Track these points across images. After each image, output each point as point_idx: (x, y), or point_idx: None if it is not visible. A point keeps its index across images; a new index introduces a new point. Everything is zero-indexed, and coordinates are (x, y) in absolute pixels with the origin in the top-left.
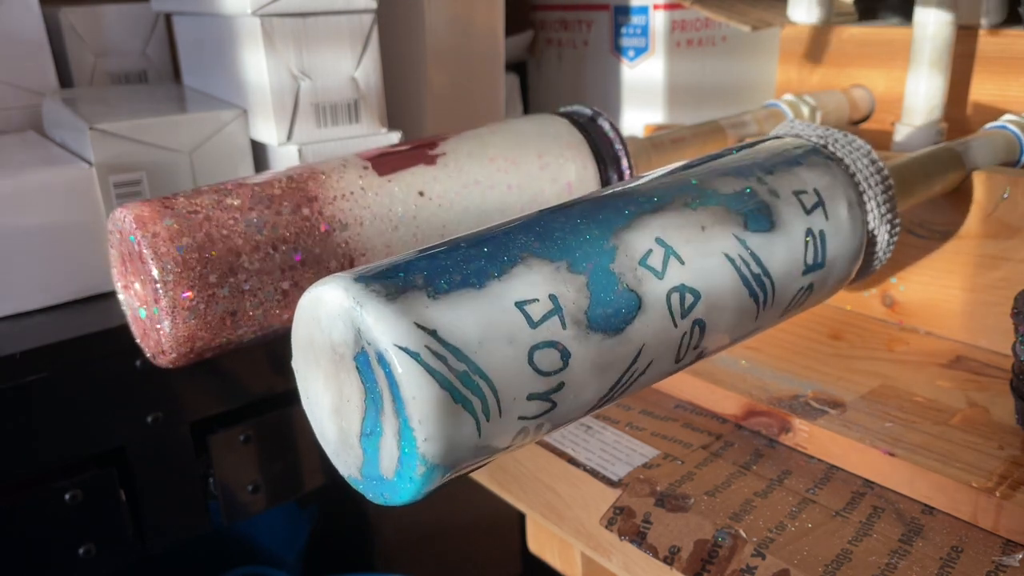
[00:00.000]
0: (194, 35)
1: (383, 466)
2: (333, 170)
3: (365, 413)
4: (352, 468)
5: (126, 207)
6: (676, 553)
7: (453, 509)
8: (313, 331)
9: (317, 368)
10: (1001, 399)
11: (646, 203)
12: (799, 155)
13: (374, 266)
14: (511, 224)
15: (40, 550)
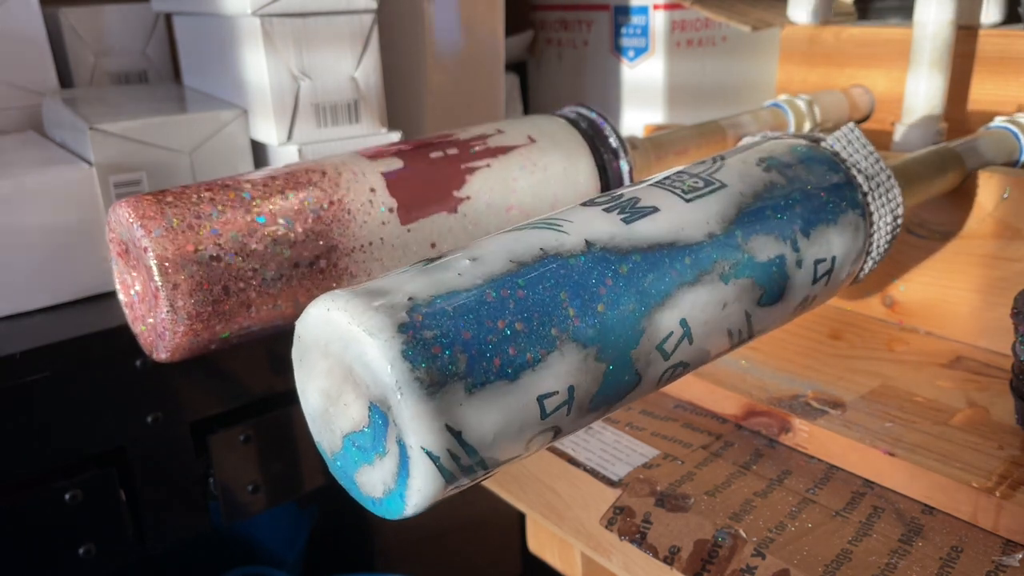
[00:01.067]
0: (194, 35)
1: (361, 479)
2: (359, 208)
3: (361, 431)
4: (325, 445)
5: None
6: (676, 553)
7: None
8: (331, 343)
9: (323, 360)
10: (1001, 399)
11: (690, 270)
12: (836, 207)
13: (418, 310)
14: (556, 270)
15: (40, 550)
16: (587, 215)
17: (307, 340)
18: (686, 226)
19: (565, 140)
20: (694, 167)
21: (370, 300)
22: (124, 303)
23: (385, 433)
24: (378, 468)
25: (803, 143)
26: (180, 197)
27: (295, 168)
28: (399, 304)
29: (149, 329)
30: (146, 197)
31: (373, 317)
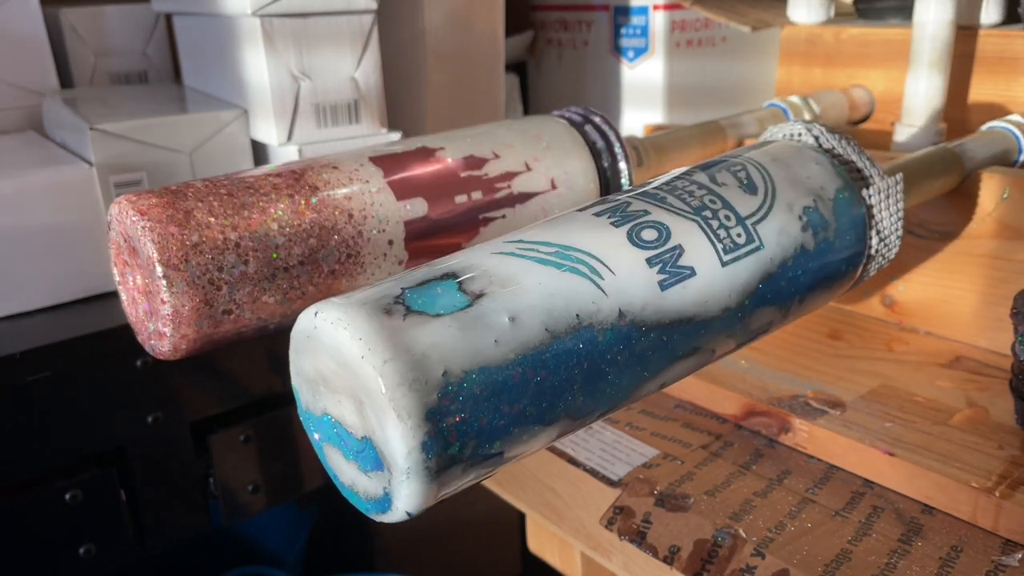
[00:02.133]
0: (194, 35)
1: (330, 454)
2: (373, 257)
3: (348, 434)
4: (303, 396)
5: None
6: (676, 553)
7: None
8: (345, 366)
9: (330, 362)
10: (1001, 399)
11: (691, 344)
12: (845, 277)
13: (448, 393)
14: (583, 349)
15: (40, 550)
16: (629, 262)
17: (316, 338)
18: (711, 298)
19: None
20: (746, 196)
21: (400, 350)
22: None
23: (373, 466)
24: (352, 469)
25: (847, 191)
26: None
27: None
28: (432, 382)
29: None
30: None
31: (405, 395)
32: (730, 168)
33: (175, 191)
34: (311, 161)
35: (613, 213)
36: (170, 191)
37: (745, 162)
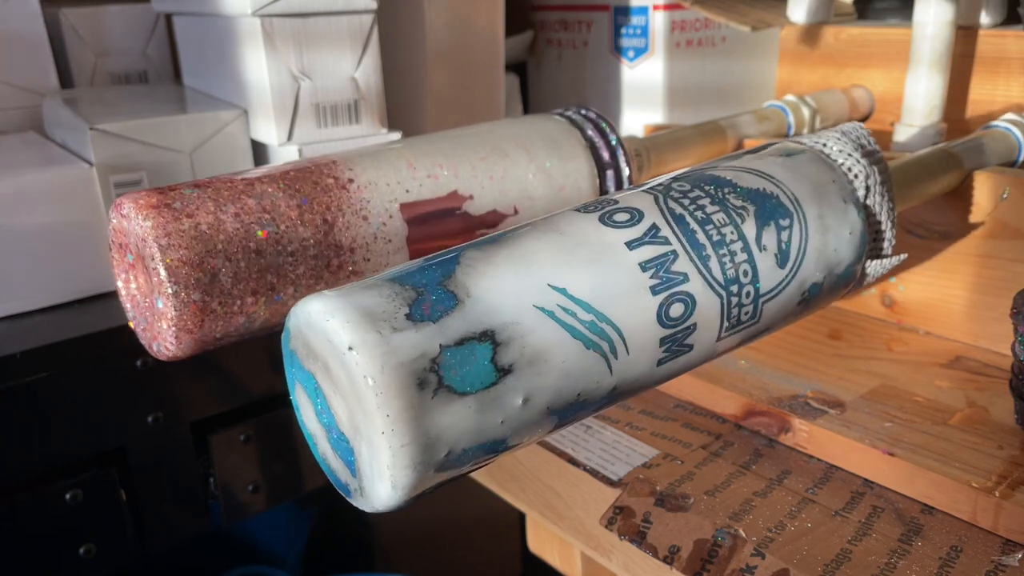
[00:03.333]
0: (194, 35)
1: (309, 419)
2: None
3: (332, 418)
4: (296, 352)
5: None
6: (676, 553)
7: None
8: (343, 380)
9: (330, 365)
10: (1001, 399)
11: None
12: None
13: (447, 459)
14: (564, 409)
15: (40, 550)
16: (647, 342)
17: (312, 340)
18: (692, 365)
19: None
20: (776, 269)
21: (419, 434)
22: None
23: (345, 457)
24: (320, 432)
25: (857, 264)
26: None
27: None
28: (435, 461)
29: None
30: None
31: (405, 471)
32: (779, 222)
33: (176, 191)
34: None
35: (658, 269)
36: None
37: (795, 214)
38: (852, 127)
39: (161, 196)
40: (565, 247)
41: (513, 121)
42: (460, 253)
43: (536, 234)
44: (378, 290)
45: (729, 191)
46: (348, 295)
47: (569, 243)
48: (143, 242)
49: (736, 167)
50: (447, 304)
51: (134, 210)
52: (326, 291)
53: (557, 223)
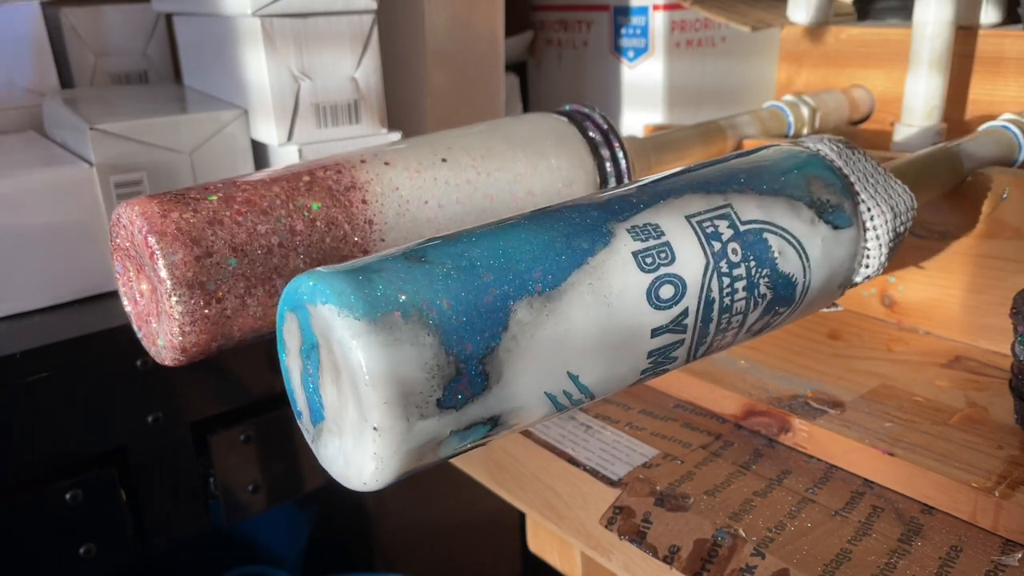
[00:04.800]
0: (194, 35)
1: (292, 360)
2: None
3: (315, 390)
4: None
5: (131, 204)
6: (676, 552)
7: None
8: (340, 365)
9: (324, 351)
10: (1000, 399)
11: None
12: None
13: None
14: None
15: (40, 550)
16: (618, 387)
17: (334, 347)
18: None
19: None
20: (778, 311)
21: (407, 423)
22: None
23: (317, 417)
24: (297, 379)
25: (845, 287)
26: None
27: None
28: (412, 469)
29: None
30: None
31: (379, 475)
32: (779, 309)
33: (179, 196)
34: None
35: (659, 358)
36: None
37: (799, 298)
38: None
39: (164, 202)
40: (603, 325)
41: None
42: (512, 310)
43: (588, 299)
44: (420, 349)
45: (765, 274)
46: (387, 330)
47: (609, 321)
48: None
49: (776, 220)
50: (476, 389)
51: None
52: (354, 299)
53: (611, 282)
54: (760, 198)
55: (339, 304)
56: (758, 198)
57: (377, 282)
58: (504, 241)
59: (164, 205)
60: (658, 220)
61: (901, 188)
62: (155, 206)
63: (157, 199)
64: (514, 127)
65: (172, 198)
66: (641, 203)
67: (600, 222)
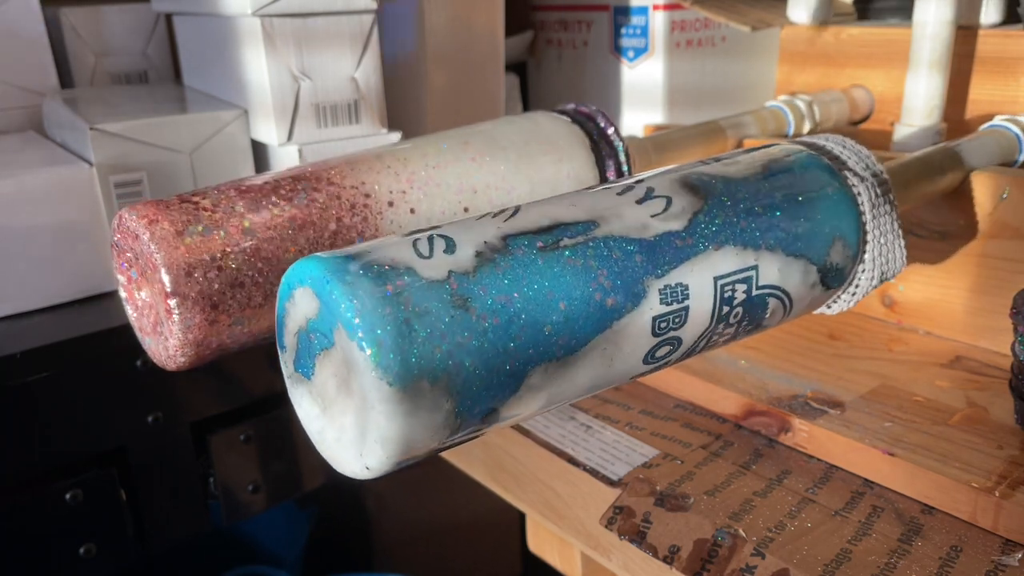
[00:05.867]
0: (194, 35)
1: (288, 340)
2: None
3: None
4: None
5: (133, 210)
6: (676, 552)
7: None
8: (354, 383)
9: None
10: (1000, 399)
11: None
12: None
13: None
14: None
15: (40, 550)
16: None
17: (352, 367)
18: None
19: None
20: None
21: (398, 461)
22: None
23: (306, 369)
24: (290, 350)
25: None
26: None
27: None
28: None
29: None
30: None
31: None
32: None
33: (180, 202)
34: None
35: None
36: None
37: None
38: None
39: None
40: (597, 380)
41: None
42: (528, 375)
43: (598, 361)
44: (436, 414)
45: (749, 330)
46: (413, 399)
47: (603, 377)
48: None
49: None
50: (469, 431)
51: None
52: (392, 357)
53: (622, 347)
54: (784, 260)
55: (376, 360)
56: (783, 260)
57: (419, 331)
58: (549, 283)
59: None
60: (689, 280)
61: (901, 251)
62: (155, 211)
63: (158, 205)
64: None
65: (174, 202)
66: (685, 250)
67: (640, 276)
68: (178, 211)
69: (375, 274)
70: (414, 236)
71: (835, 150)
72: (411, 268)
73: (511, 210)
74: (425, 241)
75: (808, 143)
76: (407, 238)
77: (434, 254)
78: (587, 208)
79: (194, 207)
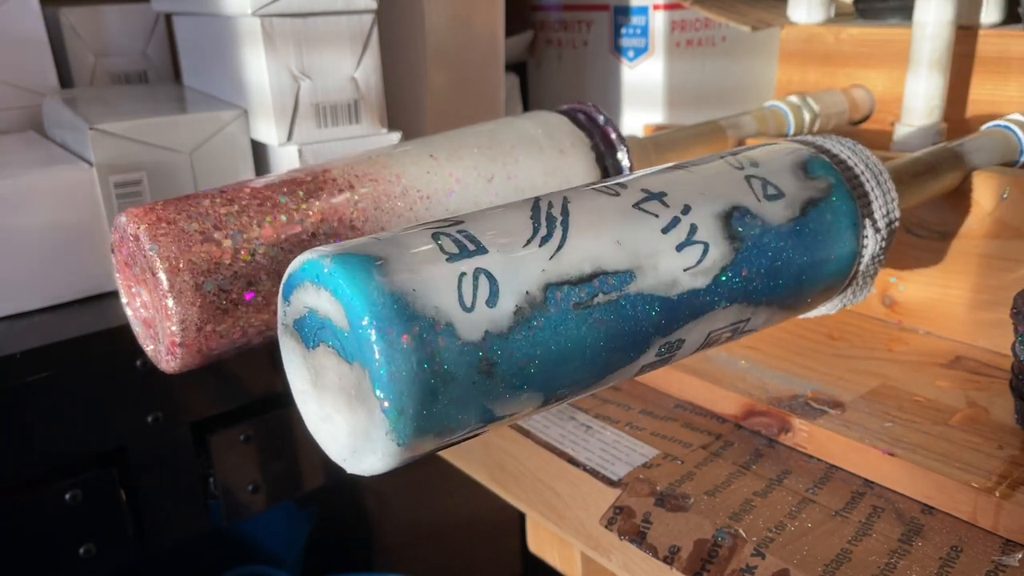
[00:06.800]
0: (194, 35)
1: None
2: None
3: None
4: None
5: (132, 213)
6: (676, 553)
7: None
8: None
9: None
10: (1001, 399)
11: None
12: None
13: None
14: None
15: (40, 550)
16: None
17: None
18: None
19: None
20: None
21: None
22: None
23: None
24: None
25: None
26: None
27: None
28: None
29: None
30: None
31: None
32: None
33: (181, 204)
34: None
35: None
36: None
37: None
38: None
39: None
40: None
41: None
42: None
43: (585, 393)
44: (428, 452)
45: None
46: (414, 450)
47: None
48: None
49: None
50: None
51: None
52: (412, 415)
53: (614, 378)
54: (776, 312)
55: (394, 425)
56: (775, 312)
57: (442, 399)
58: (572, 344)
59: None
60: (688, 336)
61: (870, 289)
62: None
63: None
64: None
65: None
66: (699, 308)
67: (651, 335)
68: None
69: (416, 337)
70: (459, 267)
71: (866, 186)
72: (451, 325)
73: (559, 231)
74: (471, 280)
75: (847, 172)
76: (452, 266)
77: (476, 305)
78: (631, 250)
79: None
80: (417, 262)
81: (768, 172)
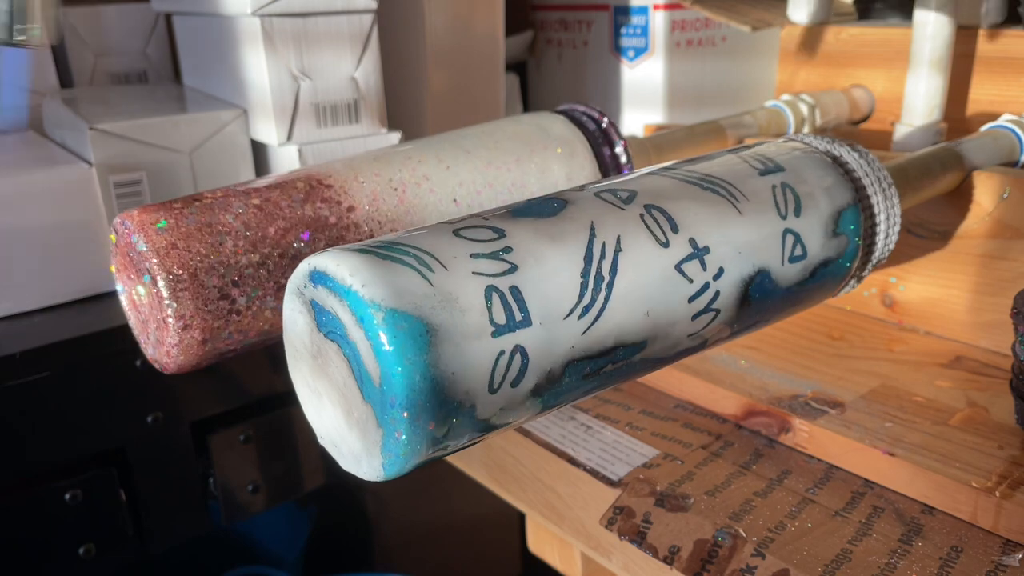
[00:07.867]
0: (194, 35)
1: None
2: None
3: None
4: None
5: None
6: (676, 553)
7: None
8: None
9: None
10: (1001, 399)
11: None
12: None
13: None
14: None
15: (40, 550)
16: None
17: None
18: None
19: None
20: None
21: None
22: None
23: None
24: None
25: None
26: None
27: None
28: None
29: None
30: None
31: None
32: None
33: (180, 205)
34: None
35: None
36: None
37: None
38: None
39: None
40: None
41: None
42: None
43: None
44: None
45: None
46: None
47: None
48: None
49: None
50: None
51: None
52: (422, 441)
53: None
54: None
55: (389, 472)
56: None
57: (439, 453)
58: (565, 401)
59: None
60: None
61: None
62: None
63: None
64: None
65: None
66: (677, 359)
67: (628, 379)
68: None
69: (441, 421)
70: (501, 344)
71: (878, 226)
72: (473, 407)
73: (603, 294)
74: (506, 360)
75: (863, 194)
76: (495, 343)
77: (501, 388)
78: (654, 322)
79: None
80: (465, 335)
81: (805, 226)
